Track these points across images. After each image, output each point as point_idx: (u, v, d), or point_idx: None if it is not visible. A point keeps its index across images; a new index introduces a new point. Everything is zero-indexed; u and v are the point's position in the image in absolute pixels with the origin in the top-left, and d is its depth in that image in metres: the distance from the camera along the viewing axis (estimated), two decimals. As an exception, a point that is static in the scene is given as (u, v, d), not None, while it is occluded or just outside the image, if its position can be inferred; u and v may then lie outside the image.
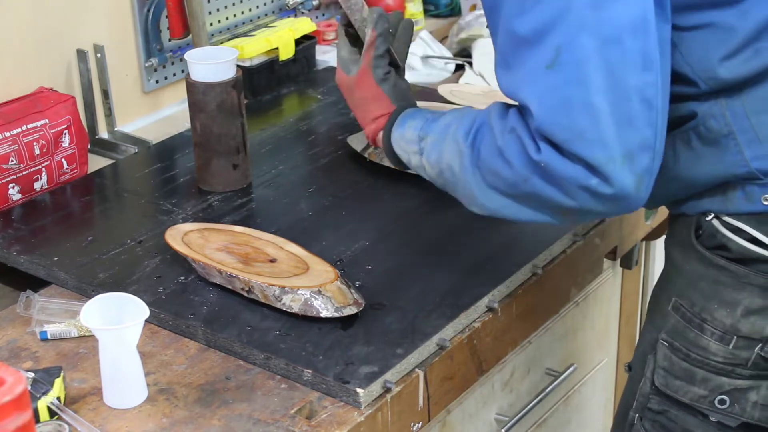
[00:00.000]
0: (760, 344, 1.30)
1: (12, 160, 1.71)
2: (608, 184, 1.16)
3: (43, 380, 1.28)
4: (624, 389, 1.49)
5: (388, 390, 1.30)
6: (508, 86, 1.23)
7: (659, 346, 1.38)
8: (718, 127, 1.27)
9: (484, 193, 1.28)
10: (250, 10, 2.19)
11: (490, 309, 1.45)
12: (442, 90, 2.00)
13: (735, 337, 1.31)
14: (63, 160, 1.79)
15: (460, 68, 2.27)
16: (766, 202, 1.28)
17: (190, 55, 1.72)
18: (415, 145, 1.38)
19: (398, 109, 1.43)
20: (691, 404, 1.36)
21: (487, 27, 1.33)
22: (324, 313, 1.38)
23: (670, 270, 1.40)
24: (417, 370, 1.35)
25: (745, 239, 1.30)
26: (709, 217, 1.32)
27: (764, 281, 1.29)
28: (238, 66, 1.72)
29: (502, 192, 1.26)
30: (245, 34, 2.13)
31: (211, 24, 2.09)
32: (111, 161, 1.91)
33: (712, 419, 1.35)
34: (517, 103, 1.23)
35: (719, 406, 1.34)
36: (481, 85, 2.14)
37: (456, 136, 1.30)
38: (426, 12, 2.53)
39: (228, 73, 1.69)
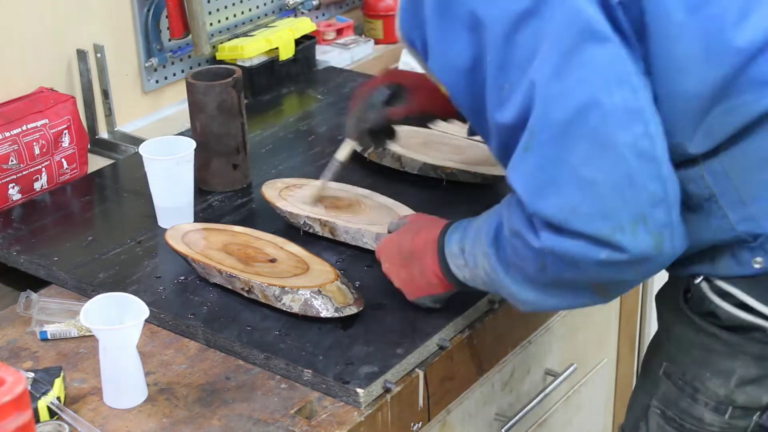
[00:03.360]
0: (759, 413, 1.26)
1: (12, 160, 1.71)
2: (620, 252, 1.10)
3: (43, 380, 1.28)
4: None
5: (388, 390, 1.30)
6: (507, 178, 1.17)
7: (651, 414, 1.33)
8: (698, 191, 1.19)
9: (520, 288, 1.23)
10: (250, 10, 2.19)
11: (490, 309, 1.45)
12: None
13: (731, 407, 1.26)
14: (63, 160, 1.79)
15: (460, 68, 2.26)
16: (757, 266, 1.20)
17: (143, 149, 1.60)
18: (461, 258, 1.30)
19: (444, 227, 1.34)
20: None
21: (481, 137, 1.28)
22: (324, 313, 1.38)
23: (661, 331, 1.35)
24: (417, 370, 1.35)
25: (733, 305, 1.23)
26: (698, 280, 1.25)
27: (758, 350, 1.23)
28: (238, 66, 1.71)
29: (534, 287, 1.21)
30: (245, 34, 2.13)
31: (211, 24, 2.09)
32: (111, 161, 1.91)
33: None
34: None
35: None
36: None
37: (481, 239, 1.25)
38: (426, 12, 2.52)
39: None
